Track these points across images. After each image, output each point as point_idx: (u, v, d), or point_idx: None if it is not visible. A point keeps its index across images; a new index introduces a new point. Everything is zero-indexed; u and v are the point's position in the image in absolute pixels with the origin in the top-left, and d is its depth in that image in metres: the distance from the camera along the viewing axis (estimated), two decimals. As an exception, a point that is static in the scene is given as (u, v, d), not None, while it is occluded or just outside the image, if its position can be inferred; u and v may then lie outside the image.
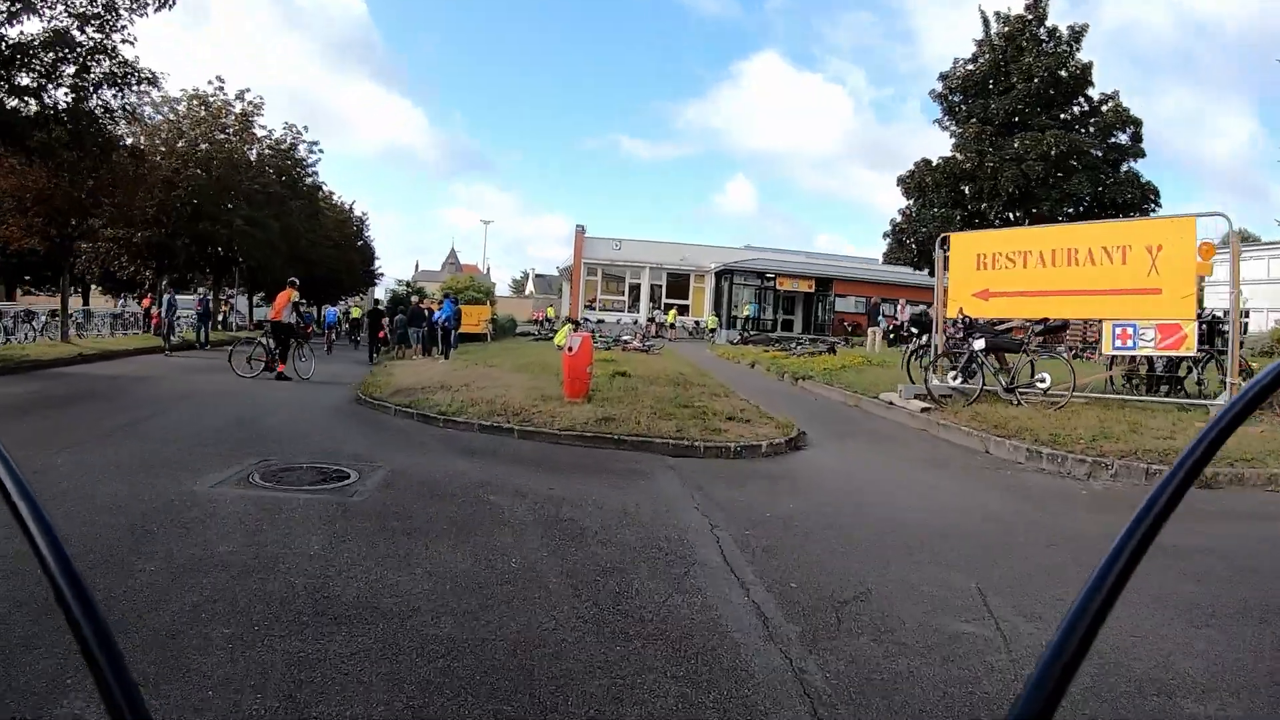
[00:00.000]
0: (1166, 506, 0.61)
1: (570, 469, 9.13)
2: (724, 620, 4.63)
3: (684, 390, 15.66)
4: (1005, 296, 15.49)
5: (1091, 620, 0.59)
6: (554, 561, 5.60)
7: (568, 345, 13.43)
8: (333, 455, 9.10)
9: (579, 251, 54.24)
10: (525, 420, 11.52)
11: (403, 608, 4.57)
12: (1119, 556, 0.60)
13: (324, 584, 4.85)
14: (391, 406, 13.19)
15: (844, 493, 8.83)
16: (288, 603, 4.52)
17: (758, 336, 43.79)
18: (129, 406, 12.85)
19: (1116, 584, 0.59)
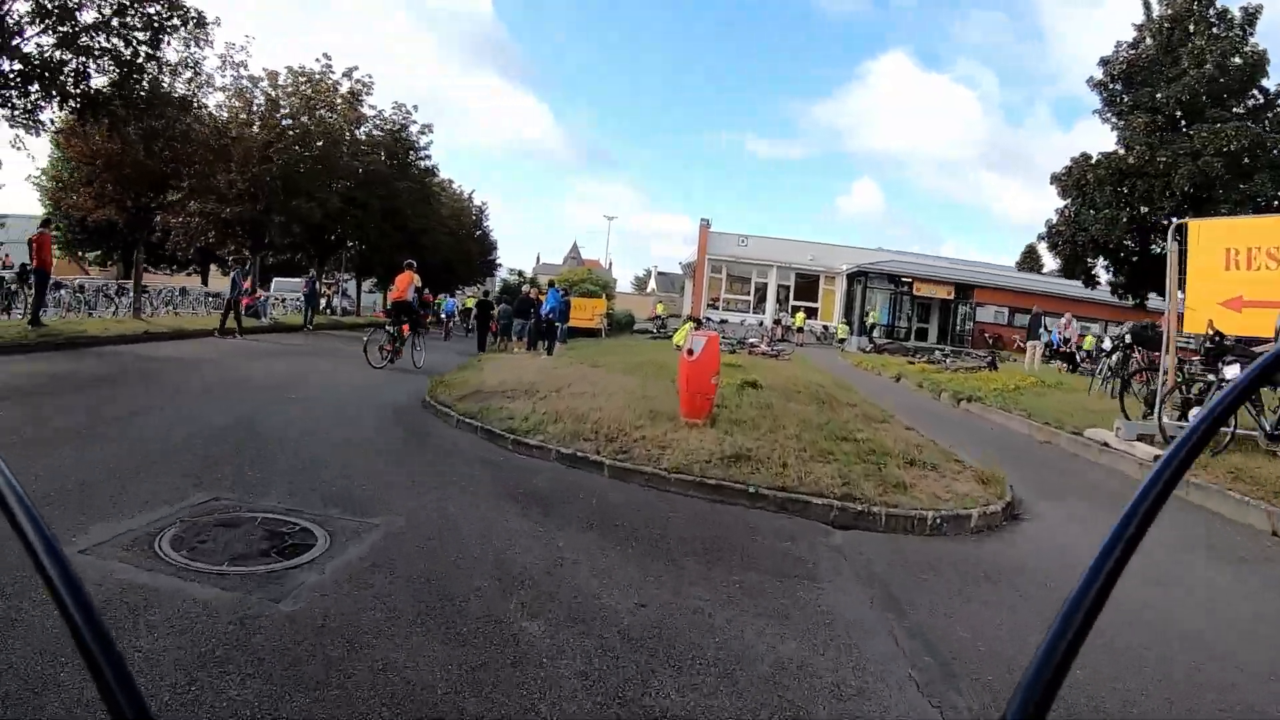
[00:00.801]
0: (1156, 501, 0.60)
1: (680, 548, 5.79)
2: None
3: (833, 412, 12.28)
4: (1265, 307, 11.37)
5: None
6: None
7: (688, 347, 10.16)
8: (329, 492, 6.22)
9: (703, 246, 51.05)
10: (622, 450, 8.32)
11: None
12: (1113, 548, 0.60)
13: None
14: (454, 415, 10.21)
15: (1126, 624, 5.02)
16: None
17: (891, 345, 40.20)
18: (145, 395, 10.58)
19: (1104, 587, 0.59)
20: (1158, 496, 0.60)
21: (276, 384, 12.68)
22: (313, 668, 3.37)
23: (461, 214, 54.28)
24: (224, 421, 8.84)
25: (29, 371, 11.76)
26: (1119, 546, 0.60)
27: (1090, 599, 0.59)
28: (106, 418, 8.57)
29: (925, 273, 47.36)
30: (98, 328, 18.15)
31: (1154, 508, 0.60)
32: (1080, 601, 0.59)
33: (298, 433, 8.54)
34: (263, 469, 6.83)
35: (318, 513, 5.67)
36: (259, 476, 6.59)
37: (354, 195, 31.82)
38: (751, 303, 52.47)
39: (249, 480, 6.46)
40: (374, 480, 6.75)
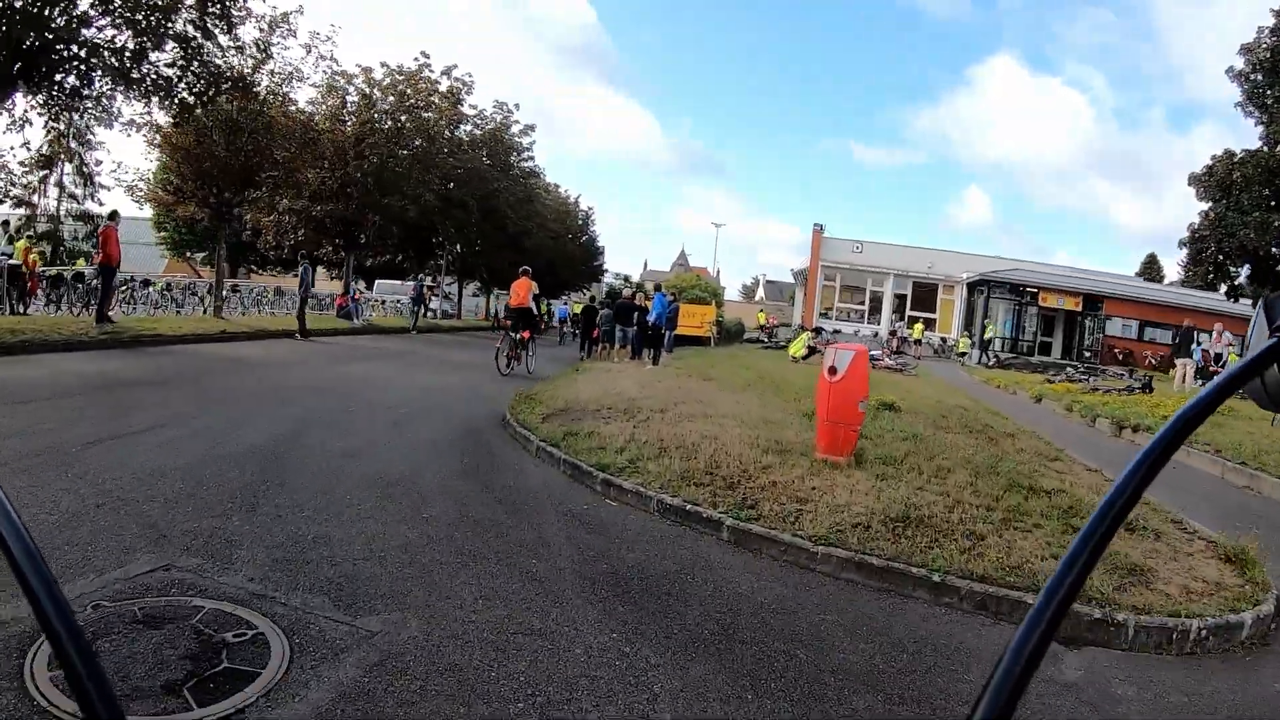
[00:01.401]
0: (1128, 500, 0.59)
1: (847, 692, 3.66)
2: None
3: (994, 446, 10.00)
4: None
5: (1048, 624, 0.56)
6: None
7: (829, 364, 7.93)
8: (323, 567, 4.36)
9: (816, 252, 48.42)
10: (746, 502, 6.17)
11: None
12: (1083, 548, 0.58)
13: None
14: (535, 440, 8.24)
15: None
16: None
17: (1016, 360, 37.37)
18: (181, 401, 9.05)
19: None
20: (1141, 480, 0.59)
21: (342, 392, 11.03)
22: None
23: (566, 217, 53.30)
24: (252, 441, 7.14)
25: (73, 371, 10.55)
26: (1088, 547, 0.58)
27: (1052, 609, 0.56)
28: (117, 431, 7.07)
29: (1051, 282, 43.69)
30: (172, 326, 17.20)
31: (1133, 497, 0.59)
32: (1043, 612, 0.56)
33: (334, 460, 6.73)
34: (256, 519, 5.00)
35: (292, 604, 3.80)
36: (245, 531, 4.77)
37: (452, 195, 30.66)
38: (865, 312, 49.60)
39: (229, 536, 4.66)
40: (397, 546, 4.80)
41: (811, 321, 46.25)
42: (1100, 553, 0.58)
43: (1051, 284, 43.48)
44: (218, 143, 18.73)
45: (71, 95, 15.19)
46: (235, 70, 16.99)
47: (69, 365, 11.12)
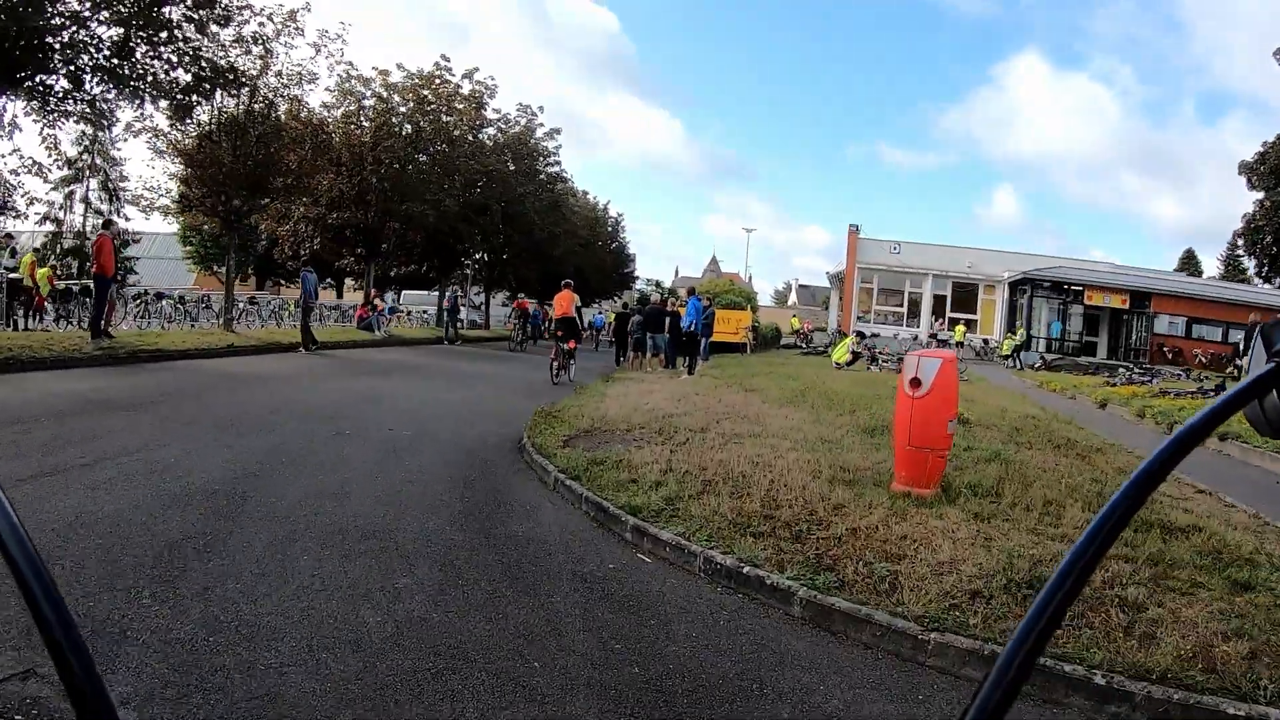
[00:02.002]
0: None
1: None
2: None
3: (1086, 464, 8.73)
4: None
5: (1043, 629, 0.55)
6: None
7: (912, 375, 6.46)
8: (231, 693, 2.97)
9: (852, 254, 46.69)
10: (821, 559, 4.75)
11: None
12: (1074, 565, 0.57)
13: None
14: (553, 470, 6.89)
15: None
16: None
17: (1064, 361, 35.64)
18: (149, 427, 7.72)
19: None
20: (1132, 501, 0.58)
21: (337, 412, 9.73)
22: None
23: (595, 224, 52.40)
24: (211, 478, 5.87)
25: (49, 391, 9.59)
26: (1089, 550, 0.57)
27: (1052, 609, 0.56)
28: (57, 465, 5.93)
29: (1097, 279, 41.81)
30: (176, 341, 16.11)
31: (1129, 510, 0.58)
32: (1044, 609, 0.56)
33: (300, 504, 5.42)
34: (173, 595, 3.71)
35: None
36: (151, 615, 3.51)
37: (475, 200, 29.64)
38: (904, 315, 47.81)
39: (127, 624, 3.43)
40: (349, 641, 3.44)
41: (849, 325, 44.67)
42: (1091, 571, 0.56)
43: (1097, 281, 41.68)
44: (223, 147, 17.64)
45: (63, 98, 14.18)
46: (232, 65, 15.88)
47: (50, 385, 10.11)
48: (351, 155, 25.05)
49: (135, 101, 14.52)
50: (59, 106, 14.35)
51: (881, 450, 8.17)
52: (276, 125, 18.54)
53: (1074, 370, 31.83)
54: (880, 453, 8.03)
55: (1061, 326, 42.09)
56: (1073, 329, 42.70)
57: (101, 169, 42.78)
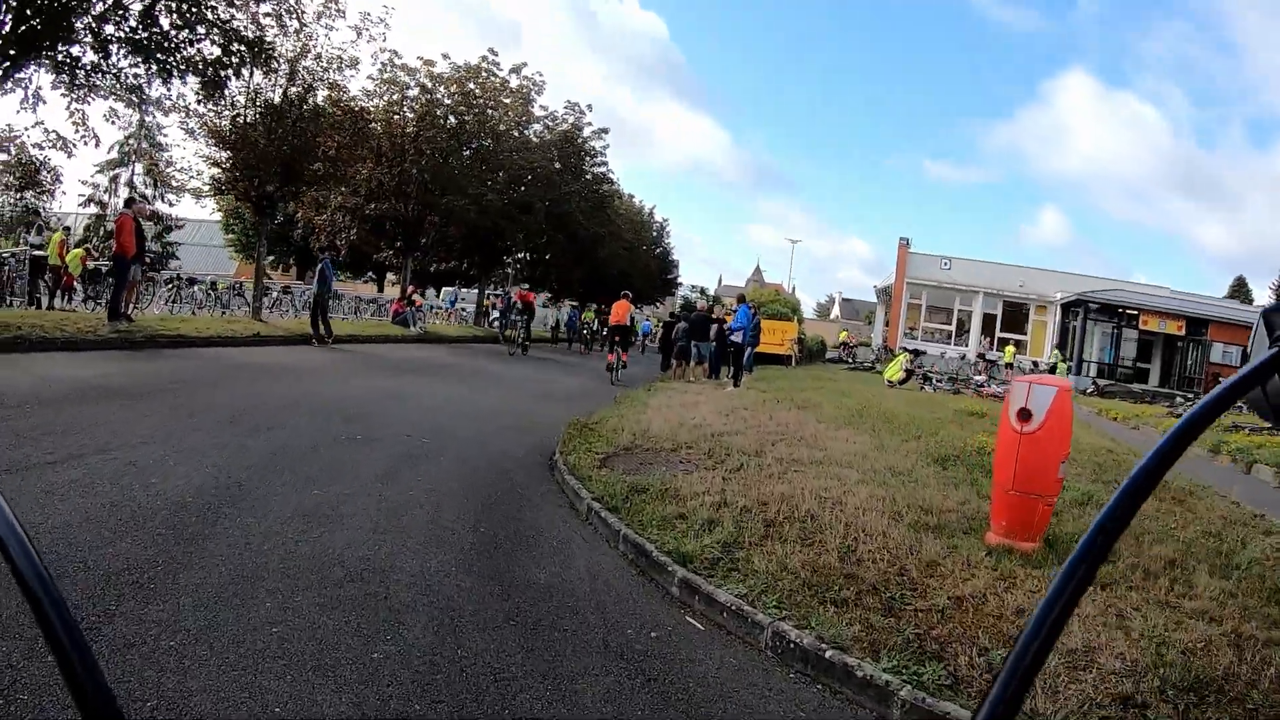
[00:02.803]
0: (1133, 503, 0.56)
1: None
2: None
3: (1185, 510, 7.71)
4: None
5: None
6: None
7: (1020, 406, 5.38)
8: None
9: (901, 268, 45.30)
10: (921, 635, 3.72)
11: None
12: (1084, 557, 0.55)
13: None
14: (586, 499, 5.90)
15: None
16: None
17: (1115, 387, 34.33)
18: (133, 421, 6.76)
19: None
20: (1137, 492, 0.57)
21: (355, 411, 8.85)
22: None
23: (640, 228, 51.75)
24: (188, 485, 4.99)
25: (49, 375, 8.86)
26: (1093, 547, 0.56)
27: (1058, 610, 0.55)
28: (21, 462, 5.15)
29: (1153, 304, 40.12)
30: (200, 327, 15.38)
31: (1134, 503, 0.57)
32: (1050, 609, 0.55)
33: (282, 526, 4.48)
34: (49, 671, 2.76)
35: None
36: (49, 684, 2.53)
37: (518, 197, 28.81)
38: (952, 333, 46.34)
39: (17, 691, 2.44)
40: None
41: (894, 341, 43.43)
42: (1097, 568, 0.56)
43: (1154, 306, 40.02)
44: (257, 129, 16.94)
45: (91, 71, 13.53)
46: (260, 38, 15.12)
47: (53, 368, 9.37)
48: (392, 145, 24.37)
49: (164, 76, 13.82)
50: (87, 80, 13.73)
51: (960, 487, 7.15)
52: (315, 110, 17.83)
53: (1127, 397, 30.53)
54: (959, 490, 7.00)
55: (1113, 352, 40.67)
56: (1125, 354, 41.22)
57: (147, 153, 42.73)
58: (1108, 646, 3.80)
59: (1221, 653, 3.92)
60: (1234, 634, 4.18)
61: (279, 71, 16.64)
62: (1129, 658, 3.69)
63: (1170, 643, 3.92)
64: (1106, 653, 3.73)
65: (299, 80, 17.39)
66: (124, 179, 44.73)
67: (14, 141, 14.69)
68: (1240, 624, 4.32)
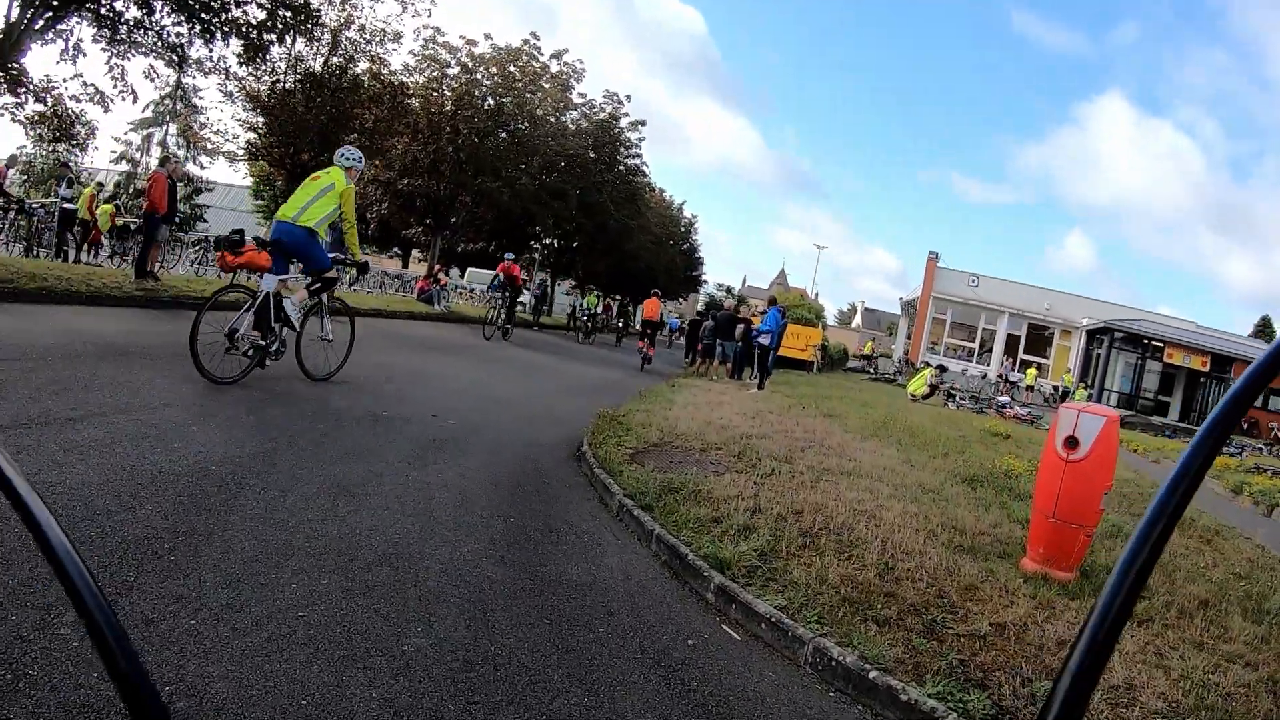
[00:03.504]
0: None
1: None
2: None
3: (1211, 550, 7.61)
4: None
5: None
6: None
7: (1068, 434, 5.18)
8: None
9: (929, 282, 44.97)
10: (964, 661, 3.58)
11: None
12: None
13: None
14: (617, 494, 5.74)
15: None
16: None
17: (1134, 418, 33.94)
18: (161, 383, 6.59)
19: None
20: (1179, 501, 0.57)
21: (377, 389, 8.71)
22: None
23: (669, 223, 51.66)
24: (210, 452, 4.83)
25: (74, 329, 8.65)
26: (1147, 545, 0.56)
27: (1112, 616, 0.55)
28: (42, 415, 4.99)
29: (1179, 337, 39.77)
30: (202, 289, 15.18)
31: (1180, 506, 0.56)
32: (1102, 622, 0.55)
33: (307, 503, 4.36)
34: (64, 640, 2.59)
35: None
36: (22, 659, 2.40)
37: (551, 183, 28.69)
38: (975, 351, 45.97)
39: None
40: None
41: (917, 355, 43.17)
42: (1159, 554, 0.56)
43: (1180, 339, 39.74)
44: (296, 96, 16.85)
45: (134, 27, 13.46)
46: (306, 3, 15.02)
47: (76, 321, 9.20)
48: (429, 122, 24.24)
49: (206, 37, 13.73)
50: (129, 36, 13.67)
51: (991, 510, 6.98)
52: (354, 81, 17.74)
53: (1147, 430, 30.23)
54: (991, 513, 6.83)
55: (1135, 383, 40.27)
56: (1147, 386, 40.76)
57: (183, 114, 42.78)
58: (1149, 685, 3.67)
59: (1260, 699, 3.78)
60: (1271, 681, 4.04)
61: (322, 40, 16.58)
62: (1170, 698, 3.56)
63: (1210, 685, 3.78)
64: (1148, 691, 3.60)
65: (341, 51, 17.31)
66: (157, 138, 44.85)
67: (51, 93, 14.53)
68: (1276, 670, 4.17)
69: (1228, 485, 14.95)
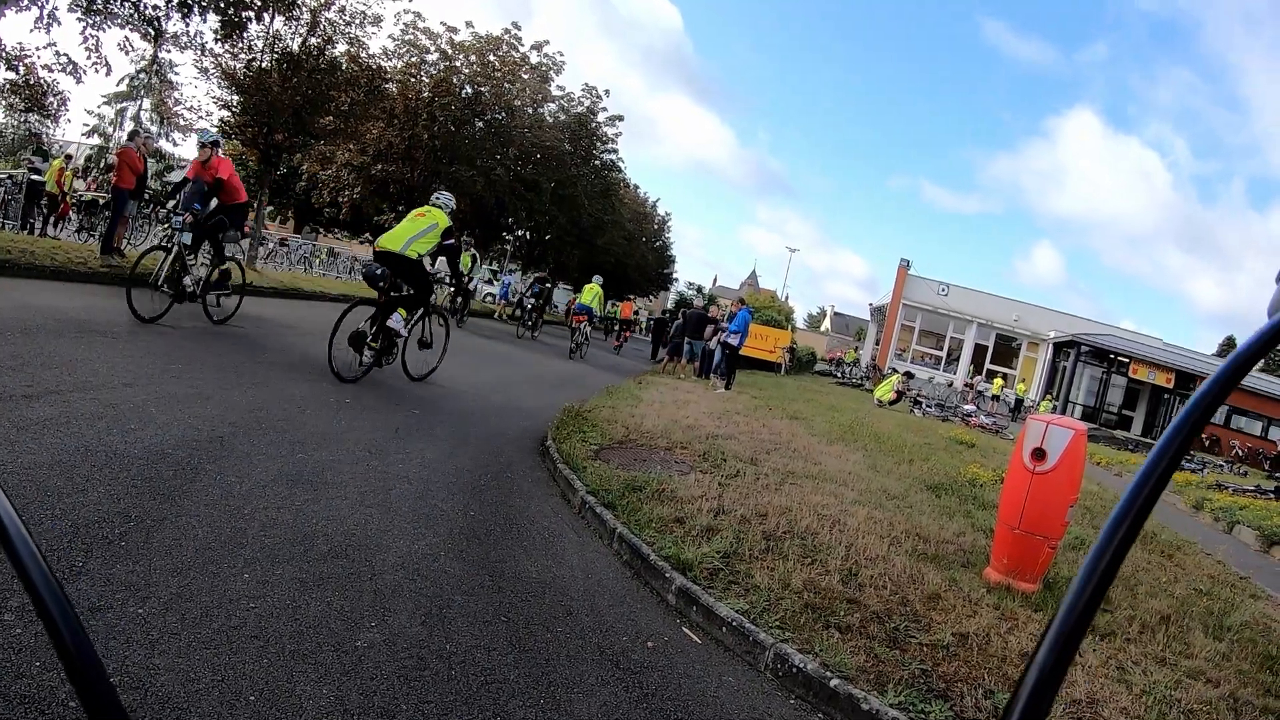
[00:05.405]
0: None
1: None
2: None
3: (1172, 565, 7.76)
4: None
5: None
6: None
7: (1035, 445, 5.19)
8: None
9: (899, 289, 45.21)
10: (927, 671, 3.56)
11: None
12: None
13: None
14: (580, 491, 5.67)
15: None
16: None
17: (1098, 431, 34.27)
18: (121, 363, 6.39)
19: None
20: (1142, 507, 0.57)
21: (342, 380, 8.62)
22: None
23: (642, 220, 51.50)
24: (169, 434, 4.70)
25: (32, 305, 8.41)
26: (1110, 549, 0.56)
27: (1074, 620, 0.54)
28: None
29: (1145, 353, 40.15)
30: (191, 270, 14.94)
31: (1143, 511, 0.57)
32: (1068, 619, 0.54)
33: (263, 491, 4.25)
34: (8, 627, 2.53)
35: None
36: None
37: (526, 175, 28.50)
38: (943, 359, 46.28)
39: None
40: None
41: (884, 361, 43.40)
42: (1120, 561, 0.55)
43: (1145, 355, 40.07)
44: (272, 76, 16.60)
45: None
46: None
47: (38, 297, 8.99)
48: (406, 108, 24.06)
49: (184, 11, 13.48)
50: (105, 6, 13.39)
51: (955, 518, 7.02)
52: (332, 63, 17.50)
53: (1110, 444, 30.62)
54: (955, 521, 6.86)
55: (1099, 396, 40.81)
56: (1111, 400, 41.30)
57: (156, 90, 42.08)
58: (1110, 700, 3.68)
59: (1222, 716, 3.80)
60: (1232, 698, 4.08)
61: (300, 20, 16.31)
62: (1132, 713, 3.59)
63: (1172, 701, 3.80)
64: (1110, 706, 3.61)
65: (320, 31, 17.05)
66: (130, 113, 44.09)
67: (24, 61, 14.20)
68: (1237, 688, 4.21)
69: (1189, 501, 15.13)
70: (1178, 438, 0.58)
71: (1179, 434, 0.58)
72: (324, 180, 25.10)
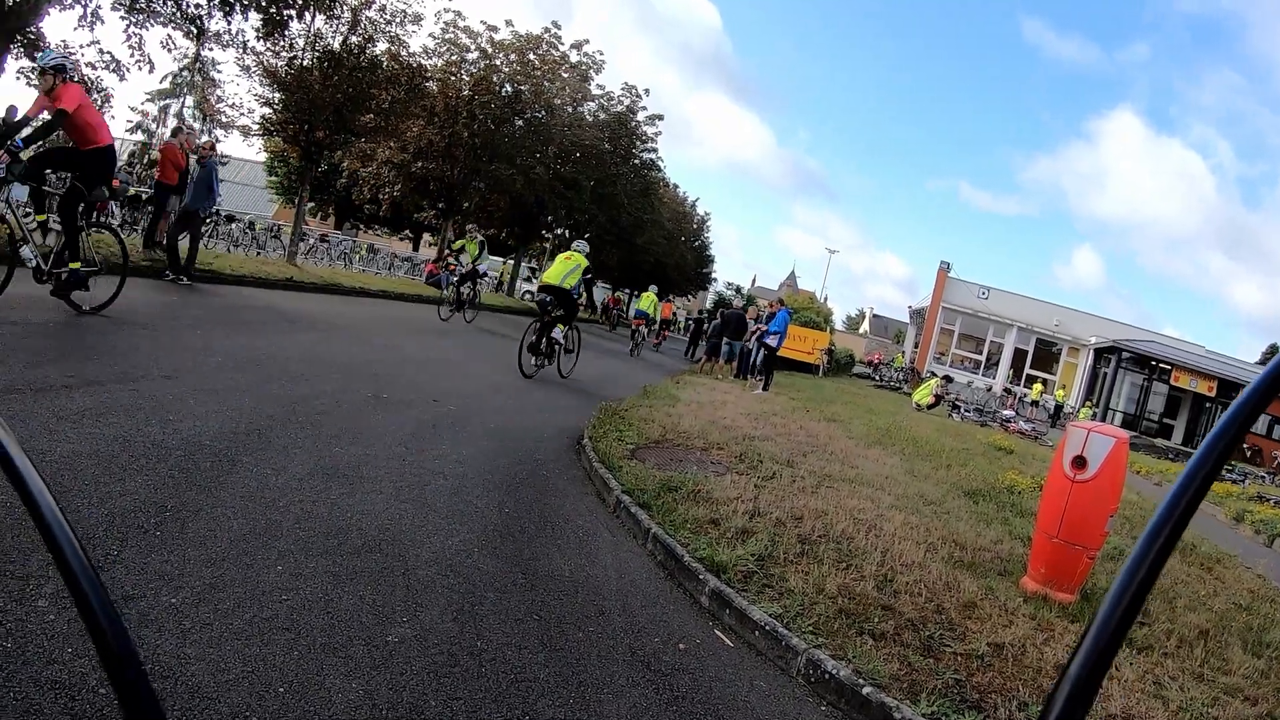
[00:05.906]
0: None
1: None
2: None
3: (1213, 577, 7.54)
4: None
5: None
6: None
7: (1076, 453, 5.07)
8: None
9: (939, 292, 44.72)
10: (961, 680, 3.50)
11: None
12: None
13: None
14: (615, 490, 5.65)
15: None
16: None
17: (1139, 440, 33.07)
18: (164, 356, 6.46)
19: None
20: (1185, 510, 0.55)
21: (382, 370, 8.61)
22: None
23: (682, 219, 51.39)
24: (205, 426, 4.74)
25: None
26: (1149, 557, 0.55)
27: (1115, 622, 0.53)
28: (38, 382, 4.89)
29: (1188, 361, 39.31)
30: (234, 265, 15.26)
31: (1183, 517, 0.55)
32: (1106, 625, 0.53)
33: (299, 485, 4.26)
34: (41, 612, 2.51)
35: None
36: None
37: (566, 174, 28.60)
38: (982, 363, 45.70)
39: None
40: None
41: (923, 364, 42.95)
42: (1159, 572, 0.54)
43: (1187, 363, 39.23)
44: (313, 74, 16.77)
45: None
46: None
47: (80, 289, 9.06)
48: (446, 106, 24.23)
49: (226, 9, 13.65)
50: (148, 5, 13.60)
51: (993, 525, 6.89)
52: (372, 61, 17.66)
53: (1150, 453, 29.99)
54: (992, 528, 6.74)
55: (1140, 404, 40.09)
56: (1152, 408, 40.54)
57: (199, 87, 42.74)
58: (1147, 716, 3.60)
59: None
60: (1270, 717, 3.97)
61: (341, 18, 16.48)
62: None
63: (1209, 719, 3.69)
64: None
65: (360, 30, 17.22)
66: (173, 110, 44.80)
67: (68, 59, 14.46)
68: (1275, 707, 4.09)
69: (1229, 513, 14.81)
70: (1218, 446, 0.56)
71: (1219, 442, 0.56)
72: (364, 177, 25.33)
